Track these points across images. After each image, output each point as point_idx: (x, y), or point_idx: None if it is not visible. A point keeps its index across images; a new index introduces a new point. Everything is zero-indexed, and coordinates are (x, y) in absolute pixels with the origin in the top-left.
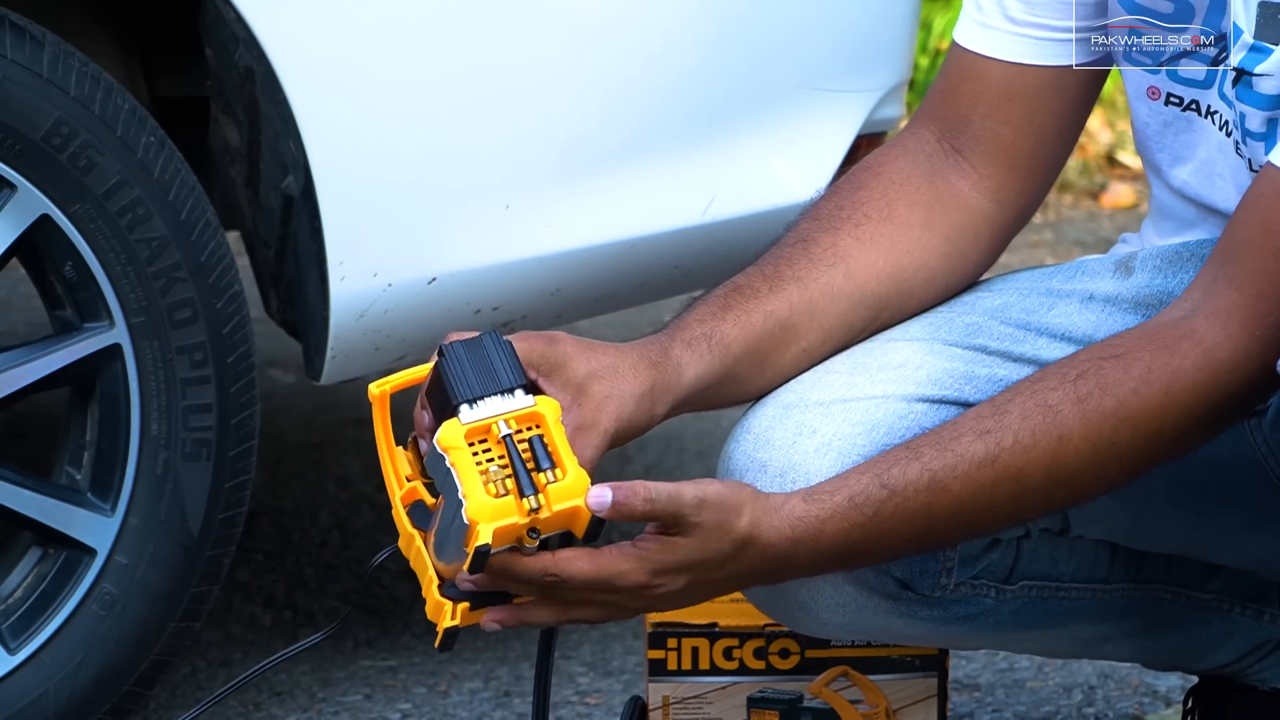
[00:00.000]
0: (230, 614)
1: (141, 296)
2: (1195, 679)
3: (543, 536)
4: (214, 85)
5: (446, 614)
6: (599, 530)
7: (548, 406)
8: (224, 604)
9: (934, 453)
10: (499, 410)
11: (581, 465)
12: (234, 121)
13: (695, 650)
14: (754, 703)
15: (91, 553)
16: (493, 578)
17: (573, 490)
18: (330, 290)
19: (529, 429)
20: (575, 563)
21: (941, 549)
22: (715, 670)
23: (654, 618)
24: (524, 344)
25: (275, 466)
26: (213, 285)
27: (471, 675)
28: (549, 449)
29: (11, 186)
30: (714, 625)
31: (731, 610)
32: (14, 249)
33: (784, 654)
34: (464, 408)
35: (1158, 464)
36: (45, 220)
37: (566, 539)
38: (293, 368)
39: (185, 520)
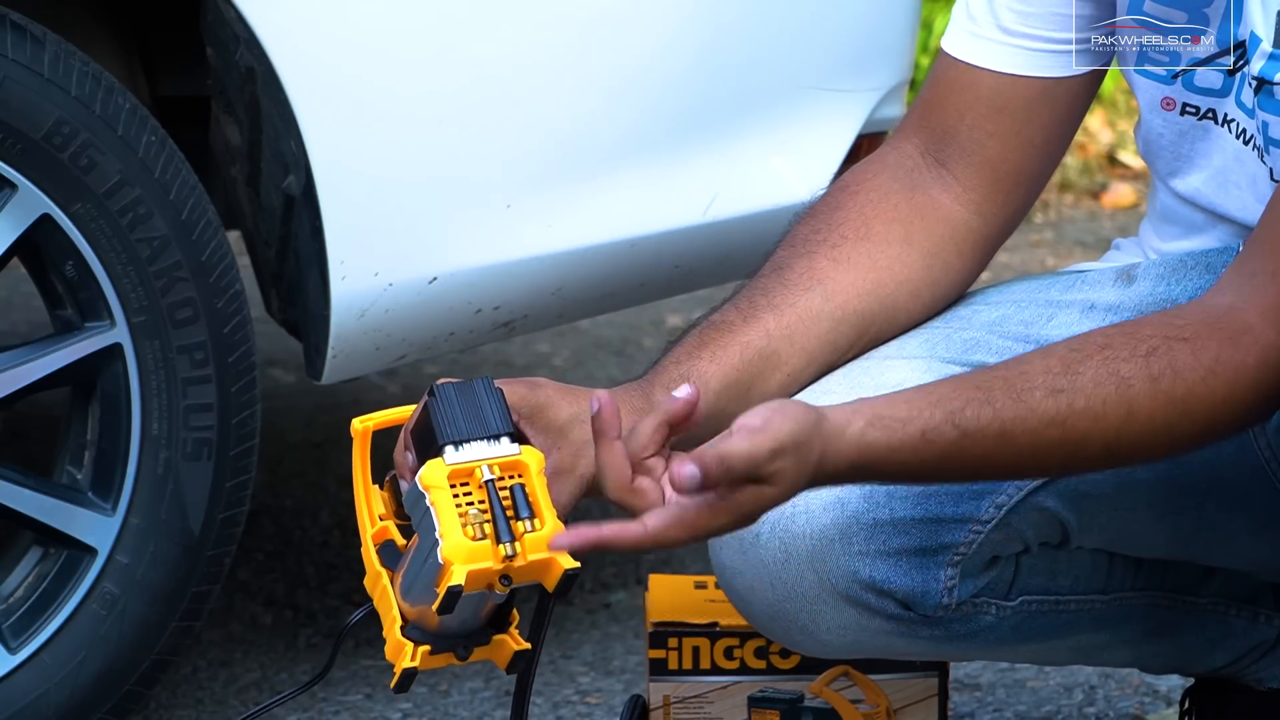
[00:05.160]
0: (231, 613)
1: (142, 296)
2: (1193, 680)
3: (514, 585)
4: (215, 84)
5: (406, 654)
6: (570, 585)
7: (532, 457)
8: (225, 603)
9: (1006, 400)
10: (484, 455)
11: (557, 510)
12: (235, 121)
13: (696, 650)
14: (755, 702)
15: (92, 552)
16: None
17: (549, 541)
18: (331, 289)
19: (512, 477)
20: (627, 532)
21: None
22: (716, 670)
23: (655, 618)
24: (506, 388)
25: (276, 466)
26: (214, 284)
27: (472, 675)
28: (530, 499)
29: (12, 186)
30: (715, 625)
31: (733, 610)
32: (15, 248)
33: (785, 654)
34: (449, 449)
35: (1192, 450)
36: (46, 220)
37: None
38: (294, 367)
39: (186, 520)
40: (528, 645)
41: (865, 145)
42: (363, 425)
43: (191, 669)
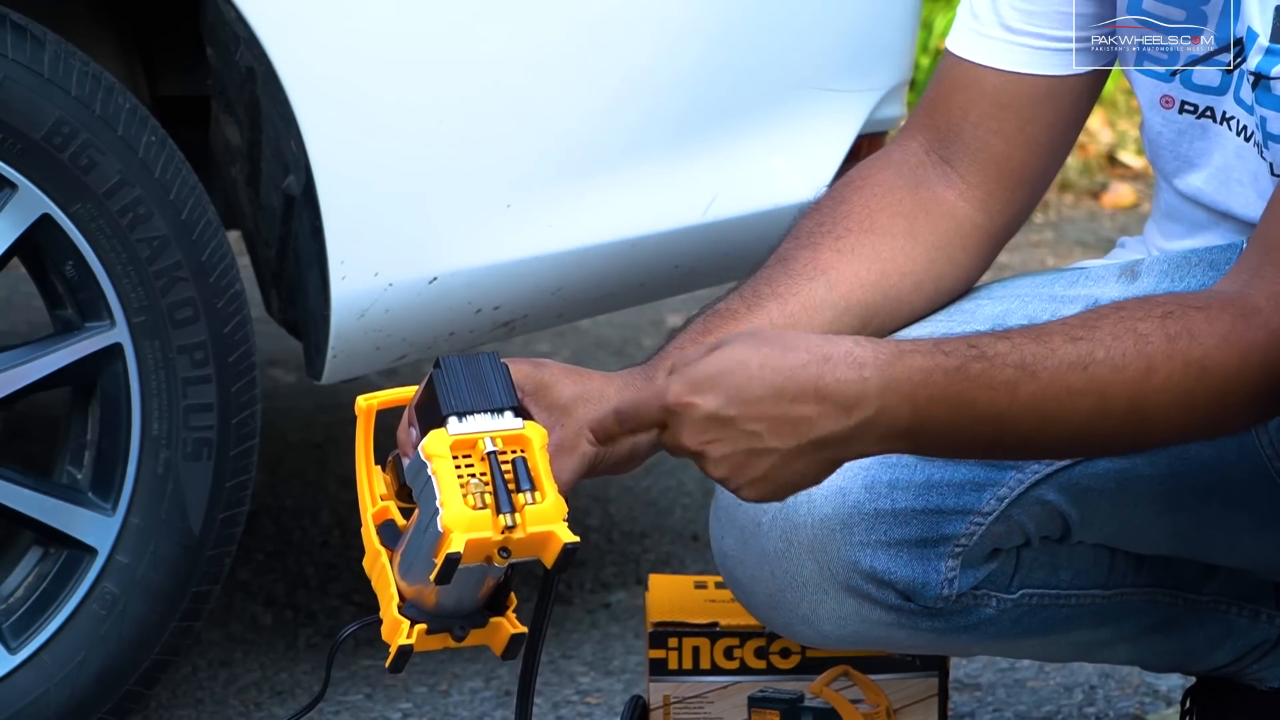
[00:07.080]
0: (231, 613)
1: (142, 296)
2: (1194, 679)
3: (512, 559)
4: (215, 84)
5: (402, 632)
6: (568, 562)
7: (535, 432)
8: (225, 603)
9: (1025, 338)
10: (486, 427)
11: (558, 486)
12: (235, 121)
13: (696, 650)
14: (755, 702)
15: (92, 552)
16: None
17: (549, 515)
18: (331, 289)
19: (514, 451)
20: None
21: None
22: (716, 670)
23: (655, 618)
24: (510, 365)
25: (276, 466)
26: (214, 284)
27: (472, 675)
28: (531, 472)
29: (12, 186)
30: (715, 625)
31: (733, 610)
32: (15, 248)
33: (785, 653)
34: (452, 420)
35: (1211, 434)
36: (46, 219)
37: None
38: (294, 367)
39: (186, 519)
40: (524, 629)
41: (865, 145)
42: (367, 403)
43: (191, 669)
